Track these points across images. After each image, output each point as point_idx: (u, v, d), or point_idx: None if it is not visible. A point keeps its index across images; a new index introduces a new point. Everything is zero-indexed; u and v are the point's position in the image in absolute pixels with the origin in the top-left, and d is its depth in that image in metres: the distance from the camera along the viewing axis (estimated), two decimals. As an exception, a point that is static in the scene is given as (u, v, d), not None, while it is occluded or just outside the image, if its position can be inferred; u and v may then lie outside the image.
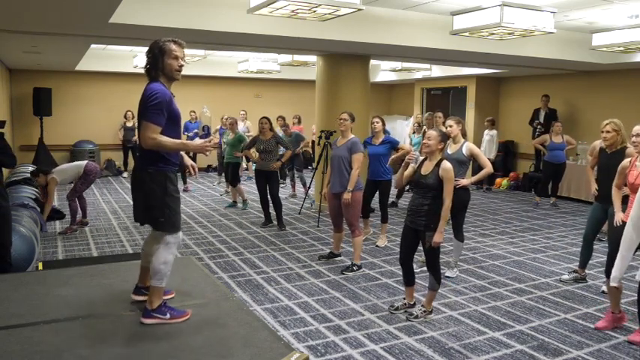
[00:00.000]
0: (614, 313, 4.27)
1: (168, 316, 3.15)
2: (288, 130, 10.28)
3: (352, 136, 5.73)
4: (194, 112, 12.21)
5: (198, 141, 3.32)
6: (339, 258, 6.03)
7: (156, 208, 3.10)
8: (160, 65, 3.10)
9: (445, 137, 4.41)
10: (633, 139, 4.24)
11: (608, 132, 4.91)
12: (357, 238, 5.65)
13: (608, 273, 4.24)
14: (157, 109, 3.00)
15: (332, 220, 5.94)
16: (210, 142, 3.21)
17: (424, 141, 4.37)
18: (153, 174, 3.09)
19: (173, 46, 3.11)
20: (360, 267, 5.70)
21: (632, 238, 2.80)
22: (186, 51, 3.26)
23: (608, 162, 4.91)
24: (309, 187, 9.34)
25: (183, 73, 3.25)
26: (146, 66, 3.16)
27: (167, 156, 3.12)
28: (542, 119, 11.14)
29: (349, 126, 5.74)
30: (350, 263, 5.74)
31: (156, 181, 3.09)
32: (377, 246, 6.73)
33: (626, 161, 4.40)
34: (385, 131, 6.90)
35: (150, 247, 3.30)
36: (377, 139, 6.61)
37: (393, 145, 6.59)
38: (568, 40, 8.43)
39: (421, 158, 4.42)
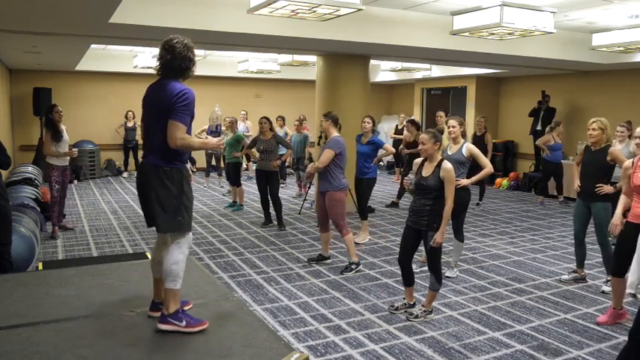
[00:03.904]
0: (615, 309, 4.31)
1: (184, 323, 3.03)
2: (301, 128, 10.32)
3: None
4: None
5: (213, 140, 3.40)
6: (329, 260, 5.98)
7: (173, 208, 3.02)
8: (192, 67, 3.15)
9: (438, 136, 4.36)
10: (637, 140, 4.29)
11: (594, 130, 5.01)
12: (346, 236, 5.65)
13: (615, 271, 4.30)
14: (186, 110, 3.00)
15: (318, 219, 5.93)
16: (222, 140, 3.40)
17: (419, 147, 4.37)
18: (168, 172, 3.02)
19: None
20: (358, 264, 5.69)
21: None
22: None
23: (592, 159, 5.08)
24: (309, 188, 9.34)
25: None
26: (183, 64, 3.09)
27: (183, 154, 3.11)
28: (540, 116, 11.16)
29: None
30: (348, 263, 5.73)
31: (172, 180, 3.02)
32: (356, 243, 6.53)
33: (628, 162, 4.37)
34: (374, 131, 6.99)
35: (161, 254, 3.17)
36: (365, 139, 6.80)
37: (378, 146, 6.80)
38: (568, 40, 8.43)
39: (415, 179, 4.39)
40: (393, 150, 7.33)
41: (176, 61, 3.06)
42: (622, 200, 4.44)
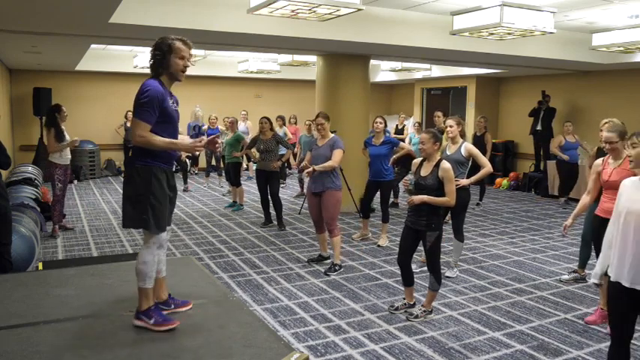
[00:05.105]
0: (602, 310, 4.35)
1: (152, 321, 3.08)
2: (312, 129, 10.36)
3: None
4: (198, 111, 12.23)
5: (187, 140, 3.20)
6: (329, 260, 5.95)
7: (139, 204, 3.02)
8: (165, 63, 3.06)
9: (438, 136, 4.37)
10: (607, 146, 4.30)
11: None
12: (335, 238, 5.65)
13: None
14: (146, 107, 2.95)
15: (314, 221, 5.88)
16: (200, 141, 3.12)
17: (419, 146, 4.38)
18: (139, 169, 3.04)
19: (181, 46, 3.07)
20: (341, 267, 5.69)
21: (614, 236, 2.94)
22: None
23: (596, 160, 4.99)
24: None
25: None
26: (150, 61, 3.11)
27: (156, 152, 3.05)
28: (540, 116, 11.16)
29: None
30: (332, 264, 5.72)
31: (141, 177, 3.03)
32: (378, 245, 6.74)
33: (599, 160, 4.52)
34: (385, 131, 6.93)
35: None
36: (377, 140, 6.63)
37: (393, 145, 6.64)
38: (568, 40, 8.43)
39: (413, 179, 4.41)
40: (410, 148, 7.24)
41: (152, 56, 3.13)
42: (582, 201, 4.63)
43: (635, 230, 2.76)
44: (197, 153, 3.34)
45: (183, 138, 3.26)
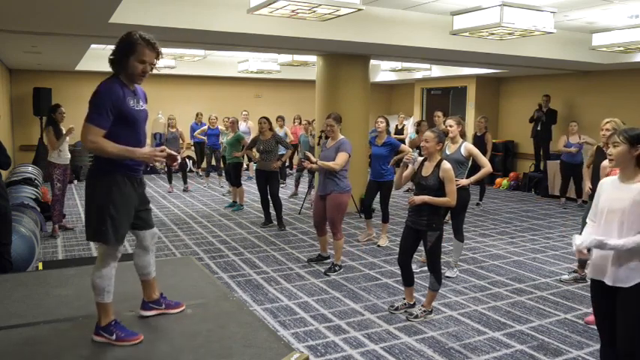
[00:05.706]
0: None
1: (114, 337, 2.87)
2: (312, 129, 10.37)
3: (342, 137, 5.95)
4: (200, 113, 12.21)
5: (147, 149, 2.91)
6: (328, 260, 5.95)
7: (96, 215, 2.80)
8: (123, 63, 2.87)
9: (442, 137, 4.39)
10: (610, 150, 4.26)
11: (607, 130, 4.90)
12: (338, 241, 5.64)
13: None
14: (98, 110, 2.74)
15: (315, 223, 5.86)
16: (162, 151, 2.88)
17: (422, 144, 4.38)
18: (99, 177, 2.85)
19: (145, 50, 2.84)
20: (341, 267, 5.70)
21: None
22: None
23: (604, 161, 4.95)
24: (310, 188, 9.34)
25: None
26: (110, 57, 2.92)
27: (117, 158, 2.80)
28: (540, 122, 11.15)
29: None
30: (332, 264, 5.72)
31: (100, 185, 2.82)
32: (378, 246, 6.74)
33: (605, 162, 4.41)
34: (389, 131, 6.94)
35: (139, 258, 3.13)
36: (380, 140, 6.63)
37: (394, 147, 6.63)
38: (568, 40, 8.43)
39: (420, 159, 4.43)
40: (410, 150, 7.24)
41: (112, 50, 2.97)
42: None
43: (617, 229, 2.75)
44: (157, 164, 3.15)
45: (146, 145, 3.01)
